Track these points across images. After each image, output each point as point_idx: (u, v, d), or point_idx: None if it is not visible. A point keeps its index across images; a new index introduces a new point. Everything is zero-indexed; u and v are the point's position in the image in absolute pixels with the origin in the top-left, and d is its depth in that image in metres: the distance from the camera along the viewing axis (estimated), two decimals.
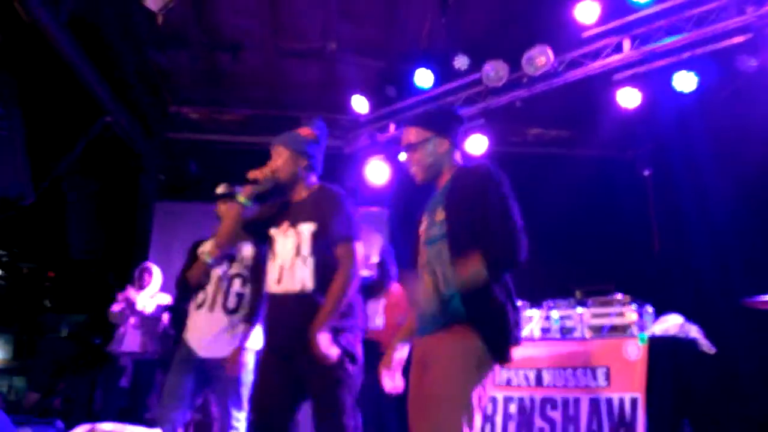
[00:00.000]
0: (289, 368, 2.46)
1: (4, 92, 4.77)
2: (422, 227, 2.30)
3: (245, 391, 3.21)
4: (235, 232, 2.69)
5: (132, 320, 5.23)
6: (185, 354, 3.28)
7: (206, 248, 2.98)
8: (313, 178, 2.71)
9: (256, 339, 3.33)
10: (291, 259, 2.52)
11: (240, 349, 3.16)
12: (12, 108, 4.80)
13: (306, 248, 2.51)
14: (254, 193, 2.59)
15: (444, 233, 2.14)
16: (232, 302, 3.31)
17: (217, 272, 3.36)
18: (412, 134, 2.33)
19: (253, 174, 2.60)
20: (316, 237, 2.51)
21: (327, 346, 2.33)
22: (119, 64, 5.95)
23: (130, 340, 5.21)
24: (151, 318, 5.27)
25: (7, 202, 4.64)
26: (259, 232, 2.70)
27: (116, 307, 5.27)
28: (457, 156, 2.36)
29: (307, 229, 2.53)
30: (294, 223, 2.58)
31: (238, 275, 3.35)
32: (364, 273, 4.29)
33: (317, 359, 2.32)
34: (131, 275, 5.45)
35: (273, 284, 2.55)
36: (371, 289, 4.54)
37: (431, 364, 2.06)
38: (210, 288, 3.34)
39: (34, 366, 7.29)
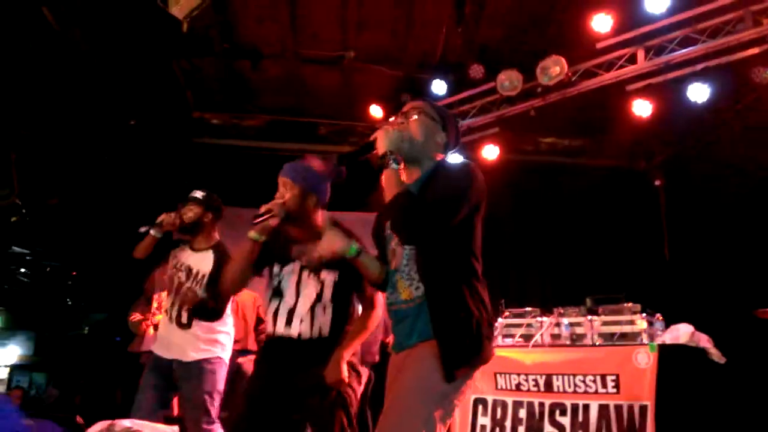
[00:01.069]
0: (290, 392, 2.47)
1: (30, 96, 4.93)
2: (389, 224, 2.07)
3: (212, 402, 3.18)
4: (248, 269, 2.53)
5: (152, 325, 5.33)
6: (154, 355, 3.33)
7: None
8: (320, 215, 2.61)
9: (227, 352, 3.36)
10: (310, 305, 2.50)
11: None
12: (38, 110, 4.96)
13: (327, 296, 2.50)
14: (267, 228, 2.45)
15: None
16: (184, 317, 3.28)
17: (176, 281, 3.34)
18: (423, 105, 2.13)
19: (265, 207, 2.45)
20: (338, 286, 2.51)
21: (343, 377, 2.40)
22: (144, 69, 6.11)
23: (151, 340, 5.31)
24: None
25: (34, 199, 4.79)
26: (261, 265, 2.60)
27: (135, 318, 5.36)
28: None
29: (330, 277, 2.50)
30: (315, 269, 2.52)
31: (190, 290, 3.28)
32: None
33: (325, 383, 2.40)
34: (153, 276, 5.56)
35: (281, 326, 2.50)
36: None
37: (398, 381, 1.95)
38: (169, 297, 3.34)
39: (56, 363, 7.43)
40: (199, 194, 3.44)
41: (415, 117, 2.08)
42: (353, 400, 2.51)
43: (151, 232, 3.35)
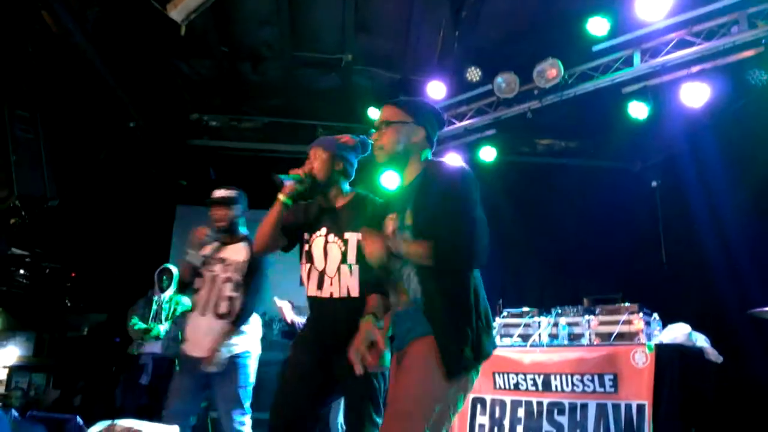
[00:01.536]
0: (325, 368, 2.51)
1: (30, 97, 4.95)
2: (390, 228, 2.14)
3: (246, 395, 3.25)
4: (276, 230, 2.59)
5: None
6: (184, 357, 3.33)
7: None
8: (347, 186, 2.71)
9: (255, 344, 3.40)
10: (336, 266, 2.56)
11: (215, 350, 3.15)
12: (37, 112, 4.98)
13: (352, 256, 2.55)
14: (295, 191, 2.55)
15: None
16: (223, 307, 3.30)
17: (209, 275, 3.36)
18: (390, 112, 2.22)
19: (295, 171, 2.56)
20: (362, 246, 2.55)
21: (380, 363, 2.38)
22: (143, 72, 6.13)
23: (149, 343, 5.31)
24: (171, 324, 5.38)
25: (33, 201, 4.80)
26: (291, 235, 2.68)
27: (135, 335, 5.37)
28: (428, 155, 2.24)
29: (353, 238, 2.56)
30: (339, 231, 2.60)
31: (228, 279, 3.34)
32: None
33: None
34: (151, 277, 5.58)
35: (313, 288, 2.58)
36: None
37: (399, 380, 1.99)
38: (203, 291, 3.35)
39: (56, 364, 7.45)
40: (221, 194, 3.47)
41: (385, 129, 2.19)
42: (381, 389, 2.50)
43: (197, 255, 3.40)
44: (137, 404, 5.16)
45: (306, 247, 2.65)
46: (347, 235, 2.57)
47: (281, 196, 2.54)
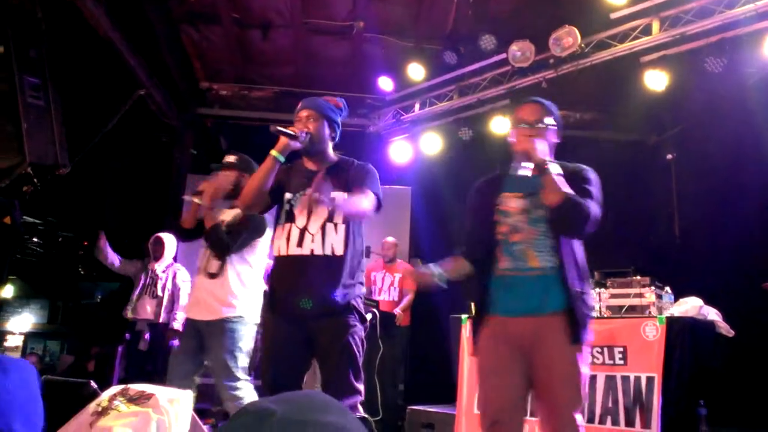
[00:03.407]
0: (301, 329, 2.48)
1: (40, 64, 4.92)
2: (514, 204, 2.30)
3: (236, 360, 3.19)
4: (266, 186, 2.53)
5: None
6: (185, 319, 3.39)
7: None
8: (331, 149, 2.70)
9: (251, 309, 3.32)
10: (320, 224, 2.51)
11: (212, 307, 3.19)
12: (48, 79, 4.95)
13: (340, 215, 2.51)
14: (288, 148, 2.49)
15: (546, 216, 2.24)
16: (213, 266, 3.27)
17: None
18: (543, 113, 2.36)
19: (292, 129, 2.51)
20: None
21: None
22: (153, 40, 6.08)
23: (143, 309, 5.35)
24: (166, 290, 5.41)
25: (45, 169, 4.81)
26: (275, 196, 2.62)
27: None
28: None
29: (340, 197, 2.51)
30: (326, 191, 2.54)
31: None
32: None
33: (336, 322, 2.42)
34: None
35: (293, 246, 2.50)
36: None
37: (543, 347, 2.16)
38: (202, 252, 3.34)
39: (69, 330, 7.56)
40: (232, 159, 3.43)
41: (546, 130, 2.34)
42: (360, 349, 2.50)
43: (195, 200, 3.31)
44: (142, 370, 5.22)
45: (287, 207, 2.60)
46: (334, 194, 2.50)
47: (274, 152, 2.48)
